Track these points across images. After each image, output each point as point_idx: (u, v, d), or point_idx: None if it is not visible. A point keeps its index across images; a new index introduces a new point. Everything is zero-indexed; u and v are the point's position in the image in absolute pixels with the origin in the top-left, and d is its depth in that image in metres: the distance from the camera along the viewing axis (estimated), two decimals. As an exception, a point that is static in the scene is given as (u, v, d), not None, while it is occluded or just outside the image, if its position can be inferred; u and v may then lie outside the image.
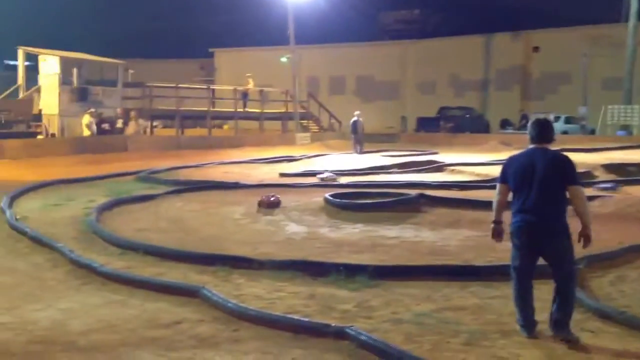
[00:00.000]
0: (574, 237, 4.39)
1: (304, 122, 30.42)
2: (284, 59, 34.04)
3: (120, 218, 9.25)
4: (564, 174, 4.37)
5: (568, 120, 28.37)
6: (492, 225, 4.65)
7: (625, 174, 14.15)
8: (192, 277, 6.08)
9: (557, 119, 25.58)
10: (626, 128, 25.62)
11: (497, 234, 4.65)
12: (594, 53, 31.73)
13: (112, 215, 9.34)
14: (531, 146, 4.54)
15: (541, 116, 4.73)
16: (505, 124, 32.87)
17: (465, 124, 30.79)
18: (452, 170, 15.39)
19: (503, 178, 4.62)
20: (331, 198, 9.89)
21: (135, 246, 7.10)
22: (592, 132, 27.04)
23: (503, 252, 6.36)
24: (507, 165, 4.63)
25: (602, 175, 13.58)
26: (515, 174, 4.49)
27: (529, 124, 4.68)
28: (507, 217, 4.58)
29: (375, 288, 5.68)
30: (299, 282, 5.87)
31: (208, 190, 11.92)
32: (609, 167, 14.38)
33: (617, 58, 27.86)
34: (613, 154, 16.52)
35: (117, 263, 6.63)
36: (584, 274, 5.80)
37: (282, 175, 14.92)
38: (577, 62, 30.86)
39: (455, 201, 10.23)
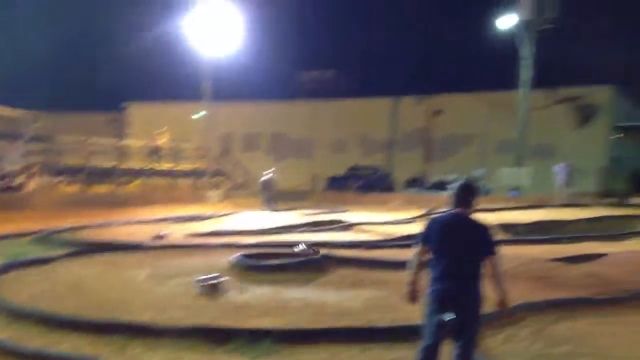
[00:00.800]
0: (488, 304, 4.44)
1: (217, 179, 30.31)
2: (197, 116, 33.98)
3: (12, 283, 8.73)
4: (484, 243, 4.41)
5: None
6: (408, 287, 4.59)
7: (516, 233, 15.01)
8: (85, 348, 5.83)
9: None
10: (518, 189, 27.21)
11: (412, 296, 4.60)
12: (492, 117, 33.90)
13: (3, 281, 8.79)
14: (453, 210, 4.53)
15: (467, 178, 4.75)
16: (413, 183, 34.00)
17: (373, 183, 31.69)
18: (359, 229, 15.75)
19: (423, 239, 4.56)
20: (237, 259, 9.88)
21: (25, 314, 6.73)
22: (488, 192, 28.52)
23: (407, 312, 6.58)
24: (429, 227, 4.56)
25: (497, 235, 14.27)
26: (436, 238, 4.46)
27: (453, 187, 4.64)
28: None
29: (278, 354, 5.69)
30: (199, 350, 5.78)
31: (111, 252, 11.46)
32: (502, 227, 15.17)
33: (512, 122, 29.79)
34: (506, 214, 17.49)
35: (3, 332, 6.24)
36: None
37: (191, 235, 14.76)
38: (477, 125, 32.83)
39: (361, 261, 10.47)
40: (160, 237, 9.75)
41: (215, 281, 8.32)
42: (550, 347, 6.21)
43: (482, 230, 4.47)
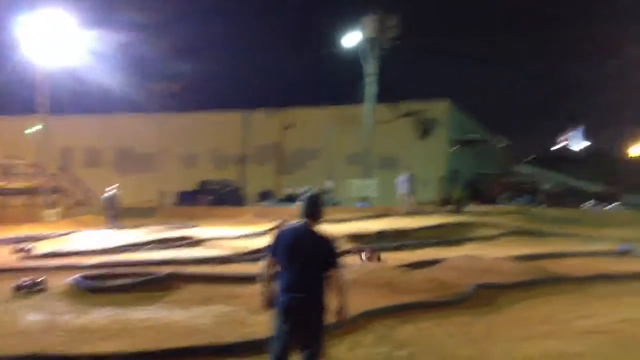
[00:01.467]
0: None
1: (54, 197, 28.35)
2: (30, 130, 31.61)
3: None
4: (328, 256, 4.50)
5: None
6: (261, 297, 4.65)
7: (364, 242, 15.50)
8: None
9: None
10: (366, 199, 28.28)
11: (266, 304, 4.66)
12: (340, 130, 35.02)
13: None
14: (300, 222, 4.60)
15: (313, 192, 4.80)
16: (265, 196, 34.12)
17: (224, 197, 31.42)
18: (210, 244, 15.46)
19: (272, 251, 4.64)
20: (76, 281, 9.27)
21: None
22: (337, 203, 29.36)
23: (256, 326, 6.53)
24: (277, 239, 4.64)
25: (344, 245, 14.68)
26: (283, 250, 4.53)
27: (301, 199, 4.72)
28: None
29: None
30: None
31: None
32: (351, 237, 15.63)
33: (359, 135, 30.92)
34: (355, 224, 18.06)
35: None
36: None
37: (26, 257, 13.66)
38: (326, 139, 33.76)
39: (210, 277, 10.29)
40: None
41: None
42: (394, 350, 6.44)
43: (327, 242, 4.58)
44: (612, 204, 31.36)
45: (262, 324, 4.76)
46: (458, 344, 6.81)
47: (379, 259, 12.88)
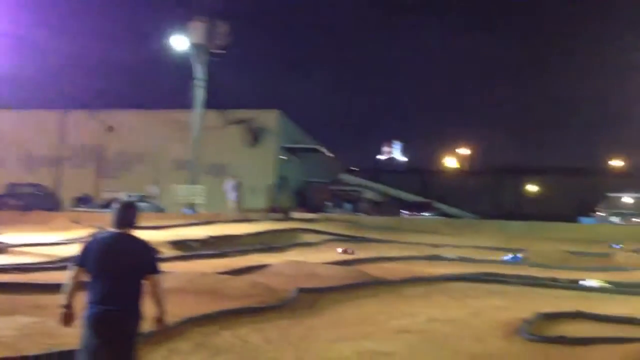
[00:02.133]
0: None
1: None
2: None
3: None
4: (145, 263, 4.30)
5: (141, 199, 29.33)
6: (62, 310, 4.26)
7: (188, 249, 15.12)
8: None
9: (130, 197, 26.18)
10: (192, 206, 27.68)
11: (67, 319, 4.28)
12: (166, 135, 34.03)
13: None
14: (114, 229, 4.35)
15: (126, 199, 4.54)
16: (82, 201, 32.13)
17: (35, 202, 28.99)
18: (16, 251, 14.11)
19: (81, 260, 4.31)
20: None
21: None
22: (162, 210, 28.45)
23: (65, 338, 5.96)
24: (88, 247, 4.33)
25: (168, 252, 14.21)
26: (94, 259, 4.23)
27: (113, 206, 4.47)
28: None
29: None
30: None
31: None
32: (175, 243, 15.16)
33: (186, 141, 30.21)
34: (179, 231, 17.55)
35: None
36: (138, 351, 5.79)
37: None
38: (151, 143, 32.59)
39: (14, 285, 9.37)
40: None
41: None
42: (211, 357, 6.29)
43: (144, 249, 4.39)
44: (427, 213, 33.81)
45: (71, 335, 4.34)
46: (276, 348, 6.78)
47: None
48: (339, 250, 17.10)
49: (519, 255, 16.65)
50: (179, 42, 28.88)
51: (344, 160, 49.67)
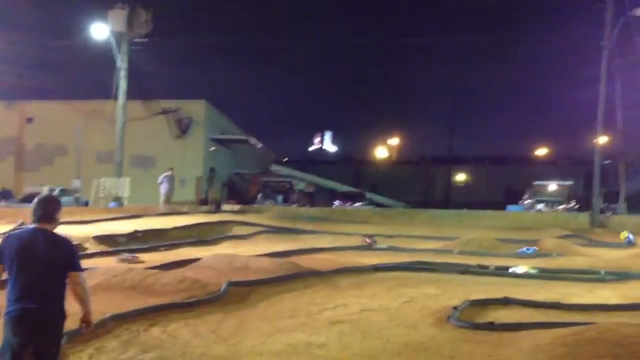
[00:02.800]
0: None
1: None
2: None
3: None
4: (66, 260, 4.12)
5: (63, 193, 28.21)
6: None
7: (114, 244, 14.60)
8: None
9: (51, 191, 25.11)
10: (118, 199, 26.78)
11: None
12: (89, 127, 32.78)
13: None
14: (33, 225, 4.16)
15: (47, 192, 4.28)
16: (2, 195, 30.60)
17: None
18: None
19: None
20: None
21: None
22: (86, 203, 27.41)
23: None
24: (4, 244, 4.15)
25: (93, 247, 13.69)
26: (12, 256, 4.05)
27: (34, 201, 4.25)
28: None
29: None
30: None
31: None
32: (100, 239, 14.62)
33: (110, 132, 29.13)
34: (105, 225, 16.92)
35: None
36: (64, 350, 5.48)
37: None
38: (72, 134, 31.29)
39: None
40: None
41: None
42: (140, 354, 6.11)
43: (65, 245, 4.21)
44: (359, 203, 34.08)
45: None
46: (206, 343, 6.60)
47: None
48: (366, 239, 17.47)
49: (533, 247, 16.54)
50: (99, 31, 27.72)
51: (275, 151, 49.44)
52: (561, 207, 28.51)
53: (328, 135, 55.62)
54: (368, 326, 7.36)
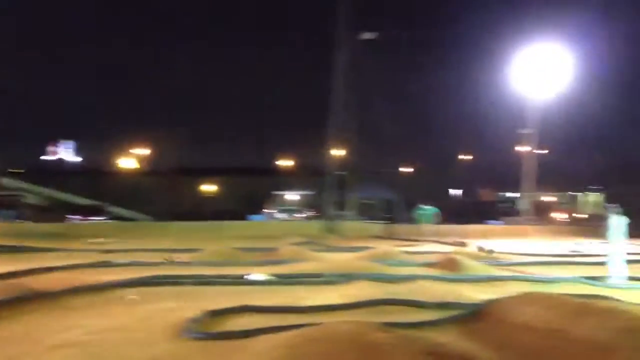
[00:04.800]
0: None
1: None
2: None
3: None
4: None
5: None
6: None
7: None
8: None
9: None
10: None
11: None
12: None
13: None
14: None
15: None
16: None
17: None
18: None
19: None
20: None
21: None
22: None
23: None
24: None
25: None
26: None
27: None
28: None
29: None
30: None
31: None
32: None
33: None
34: None
35: None
36: None
37: None
38: None
39: None
40: None
41: None
42: None
43: None
44: (99, 217, 32.41)
45: None
46: None
47: None
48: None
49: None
50: None
51: (3, 162, 44.70)
52: (300, 215, 30.36)
53: (69, 145, 52.05)
54: (99, 348, 6.97)
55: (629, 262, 14.78)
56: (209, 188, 55.68)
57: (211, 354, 6.50)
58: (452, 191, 61.76)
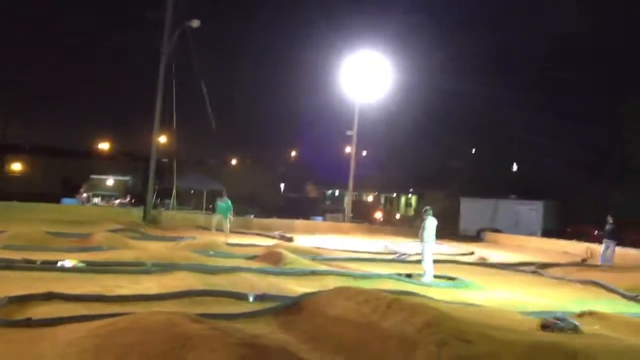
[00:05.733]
0: None
1: None
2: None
3: None
4: None
5: None
6: None
7: None
8: None
9: None
10: None
11: None
12: None
13: None
14: None
15: None
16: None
17: None
18: None
19: None
20: None
21: None
22: None
23: None
24: None
25: None
26: None
27: None
28: None
29: None
30: None
31: None
32: None
33: None
34: None
35: None
36: None
37: None
38: None
39: None
40: None
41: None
42: None
43: None
44: None
45: None
46: None
47: None
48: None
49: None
50: None
51: None
52: (117, 201, 28.98)
53: None
54: None
55: (438, 261, 16.03)
56: (16, 167, 51.11)
57: (12, 342, 5.95)
58: (281, 185, 62.92)
